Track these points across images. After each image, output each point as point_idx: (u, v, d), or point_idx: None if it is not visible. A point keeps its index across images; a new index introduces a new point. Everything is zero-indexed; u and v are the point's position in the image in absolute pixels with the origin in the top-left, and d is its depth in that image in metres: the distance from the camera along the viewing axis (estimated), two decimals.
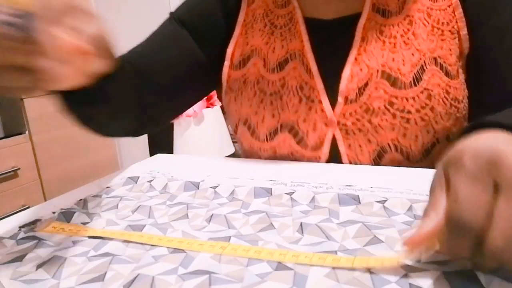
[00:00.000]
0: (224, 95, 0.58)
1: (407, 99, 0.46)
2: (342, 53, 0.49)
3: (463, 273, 0.24)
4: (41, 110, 1.61)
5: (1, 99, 1.58)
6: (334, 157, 0.49)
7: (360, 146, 0.48)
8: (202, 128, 1.35)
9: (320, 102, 0.49)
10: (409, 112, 0.45)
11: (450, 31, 0.48)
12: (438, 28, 0.48)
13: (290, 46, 0.52)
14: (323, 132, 0.49)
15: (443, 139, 0.47)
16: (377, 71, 0.47)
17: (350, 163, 0.49)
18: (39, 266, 0.29)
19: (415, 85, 0.46)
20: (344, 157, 0.49)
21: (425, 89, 0.46)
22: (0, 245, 0.33)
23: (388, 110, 0.46)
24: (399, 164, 0.48)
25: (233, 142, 1.61)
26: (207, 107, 1.37)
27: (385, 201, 0.34)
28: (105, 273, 0.27)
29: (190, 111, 1.16)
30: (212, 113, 1.40)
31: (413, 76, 0.46)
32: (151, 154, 1.62)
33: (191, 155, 0.57)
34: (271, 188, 0.39)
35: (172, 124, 1.30)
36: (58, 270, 0.28)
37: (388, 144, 0.47)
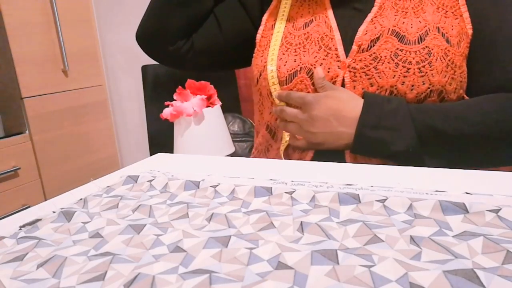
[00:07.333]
0: (254, 57, 0.69)
1: (410, 52, 0.53)
2: (361, 17, 0.58)
3: (463, 273, 0.24)
4: (41, 110, 1.61)
5: (1, 99, 1.58)
6: None
7: (363, 88, 0.56)
8: (202, 127, 1.35)
9: (336, 49, 0.58)
10: (410, 63, 0.53)
11: (452, 13, 0.56)
12: (443, 9, 0.57)
13: (316, 11, 0.63)
14: (336, 74, 0.57)
15: (435, 94, 0.54)
16: (389, 29, 0.55)
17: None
18: (39, 265, 0.29)
19: (418, 43, 0.54)
20: None
21: (426, 46, 0.53)
22: (0, 244, 0.33)
23: (393, 59, 0.54)
24: None
25: (233, 141, 1.61)
26: (207, 106, 1.37)
27: (385, 200, 0.34)
28: (106, 272, 0.27)
29: (190, 110, 1.16)
30: (212, 113, 1.40)
31: (417, 37, 0.54)
32: (151, 153, 1.62)
33: (191, 155, 0.58)
34: (271, 187, 0.39)
35: (172, 124, 1.30)
36: (59, 270, 0.28)
37: (386, 90, 0.54)
